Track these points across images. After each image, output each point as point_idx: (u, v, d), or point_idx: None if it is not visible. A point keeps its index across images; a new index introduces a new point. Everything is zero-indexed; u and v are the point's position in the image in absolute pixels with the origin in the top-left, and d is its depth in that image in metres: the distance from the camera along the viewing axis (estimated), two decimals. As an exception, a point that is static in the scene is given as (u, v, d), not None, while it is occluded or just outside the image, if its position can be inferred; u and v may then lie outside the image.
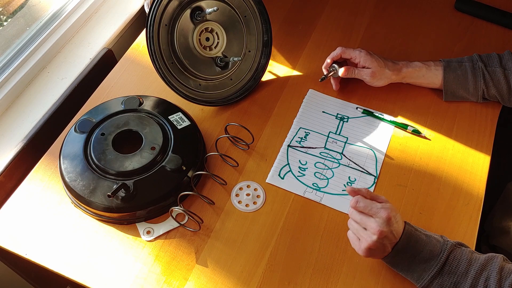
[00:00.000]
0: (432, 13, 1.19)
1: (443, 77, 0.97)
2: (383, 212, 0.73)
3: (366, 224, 0.74)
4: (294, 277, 0.81)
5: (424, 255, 0.75)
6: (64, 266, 0.82)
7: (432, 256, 0.74)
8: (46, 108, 1.00)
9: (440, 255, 0.74)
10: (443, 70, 0.98)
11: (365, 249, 0.74)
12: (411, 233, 0.75)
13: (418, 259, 0.75)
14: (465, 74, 0.96)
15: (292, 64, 1.09)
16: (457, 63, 0.98)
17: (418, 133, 0.97)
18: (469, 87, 0.97)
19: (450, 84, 0.98)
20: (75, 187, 0.85)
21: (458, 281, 0.73)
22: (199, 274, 0.81)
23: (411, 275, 0.77)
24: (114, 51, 1.13)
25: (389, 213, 0.73)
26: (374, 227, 0.73)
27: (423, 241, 0.75)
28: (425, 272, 0.75)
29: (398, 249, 0.75)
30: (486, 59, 0.98)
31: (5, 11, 1.02)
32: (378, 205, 0.74)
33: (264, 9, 0.99)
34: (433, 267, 0.74)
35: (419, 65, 0.99)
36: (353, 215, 0.76)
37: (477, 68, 0.96)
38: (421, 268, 0.75)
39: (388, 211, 0.73)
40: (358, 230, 0.76)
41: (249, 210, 0.88)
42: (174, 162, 0.87)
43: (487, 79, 0.95)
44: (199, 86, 0.98)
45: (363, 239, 0.74)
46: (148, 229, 0.86)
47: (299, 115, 1.00)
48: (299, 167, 0.93)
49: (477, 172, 0.93)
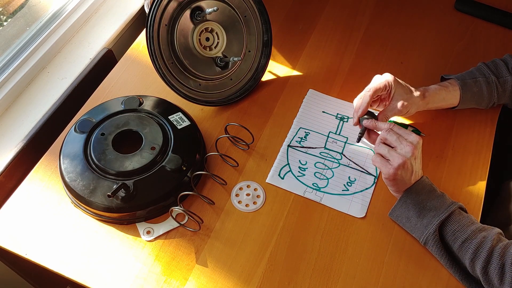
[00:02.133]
0: (432, 13, 1.19)
1: (461, 97, 0.95)
2: (414, 136, 0.81)
3: (401, 142, 0.81)
4: (294, 277, 0.81)
5: (435, 203, 0.81)
6: (64, 266, 0.82)
7: (442, 205, 0.81)
8: (46, 108, 1.00)
9: (451, 206, 0.81)
10: (461, 90, 0.94)
11: (398, 166, 0.80)
12: (426, 181, 0.84)
13: (429, 205, 0.81)
14: (481, 91, 0.95)
15: (292, 64, 1.09)
16: (471, 80, 0.95)
17: (418, 133, 0.97)
18: (483, 102, 0.97)
19: (466, 102, 0.97)
20: (75, 187, 0.85)
21: (458, 229, 0.79)
22: (199, 274, 0.81)
23: (421, 221, 0.82)
24: (114, 51, 1.13)
25: (419, 139, 0.81)
26: (408, 145, 0.80)
27: (437, 193, 0.83)
28: (434, 218, 0.80)
29: (412, 189, 0.82)
30: (495, 69, 0.96)
31: (5, 11, 1.02)
32: (409, 132, 0.82)
33: (264, 9, 0.99)
34: (443, 214, 0.80)
35: (437, 88, 0.94)
36: (388, 135, 0.82)
37: (491, 83, 0.95)
38: (431, 215, 0.81)
39: (418, 137, 0.81)
40: (389, 150, 0.81)
41: (249, 210, 0.88)
42: (174, 162, 0.87)
43: (500, 91, 0.95)
44: (199, 86, 0.98)
45: (396, 157, 0.80)
46: (148, 229, 0.86)
47: (299, 115, 1.01)
48: (299, 167, 0.93)
49: (477, 172, 0.93)
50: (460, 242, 0.78)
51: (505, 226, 1.02)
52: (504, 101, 0.97)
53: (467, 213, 0.83)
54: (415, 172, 0.82)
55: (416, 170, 0.82)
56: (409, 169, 0.81)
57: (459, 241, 0.78)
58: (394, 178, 0.81)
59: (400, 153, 0.80)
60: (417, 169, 0.82)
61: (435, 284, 0.80)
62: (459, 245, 0.79)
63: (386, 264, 0.82)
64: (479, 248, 0.77)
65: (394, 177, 0.81)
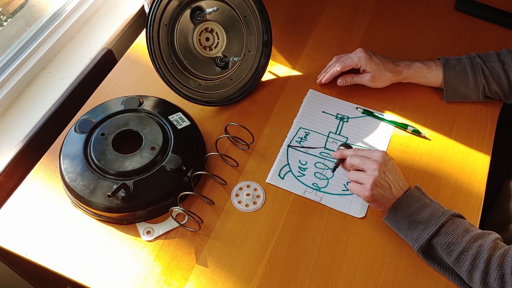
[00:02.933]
0: (432, 13, 1.19)
1: (443, 75, 0.98)
2: (378, 152, 0.82)
3: (365, 163, 0.81)
4: (294, 277, 0.81)
5: (425, 215, 0.79)
6: (64, 266, 0.82)
7: (432, 218, 0.79)
8: (46, 108, 1.00)
9: (440, 218, 0.78)
10: (443, 68, 0.98)
11: (371, 187, 0.79)
12: (415, 193, 0.81)
13: (419, 218, 0.79)
14: (465, 70, 0.97)
15: (292, 64, 1.09)
16: (455, 60, 0.99)
17: (418, 133, 0.97)
18: (470, 83, 0.97)
19: (450, 82, 0.98)
20: (75, 187, 0.85)
21: (453, 241, 0.77)
22: (199, 274, 0.81)
23: (411, 234, 0.80)
24: (114, 51, 1.13)
25: (383, 153, 0.82)
26: (372, 163, 0.80)
27: (426, 203, 0.80)
28: (424, 231, 0.78)
29: (401, 203, 0.80)
30: (484, 56, 0.98)
31: (5, 11, 1.02)
32: (372, 150, 0.84)
33: (264, 9, 0.99)
34: (432, 227, 0.78)
35: (420, 66, 0.99)
36: (352, 160, 0.83)
37: (476, 64, 0.97)
38: (421, 228, 0.79)
39: (382, 152, 0.82)
40: (359, 175, 0.82)
41: (249, 210, 0.88)
42: (174, 162, 0.87)
43: (487, 74, 0.96)
44: (199, 86, 0.98)
45: (366, 179, 0.80)
46: (148, 229, 0.86)
47: (299, 115, 1.00)
48: (299, 167, 0.93)
49: (477, 172, 0.93)
50: (456, 255, 0.76)
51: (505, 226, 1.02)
52: (494, 88, 0.97)
53: (462, 218, 0.80)
54: (393, 186, 0.81)
55: (392, 184, 0.81)
56: (384, 186, 0.80)
57: (454, 254, 0.76)
58: (373, 199, 0.81)
59: (368, 174, 0.80)
60: (393, 182, 0.81)
61: (435, 284, 0.80)
62: (455, 258, 0.76)
63: (386, 264, 0.82)
64: (476, 259, 0.74)
65: (372, 198, 0.80)
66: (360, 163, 0.82)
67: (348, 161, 0.84)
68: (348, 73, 1.01)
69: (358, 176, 0.82)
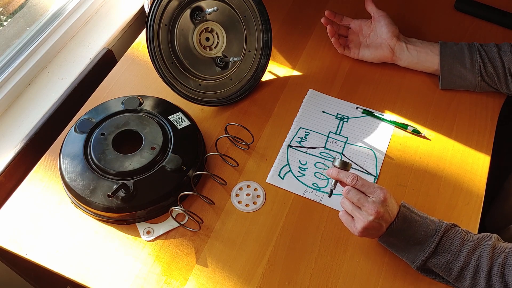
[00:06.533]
0: (432, 13, 1.19)
1: (440, 53, 0.99)
2: (380, 192, 0.74)
3: (363, 204, 0.74)
4: (294, 277, 0.81)
5: (419, 236, 0.76)
6: (64, 266, 0.82)
7: (426, 237, 0.76)
8: (46, 108, 1.00)
9: (434, 236, 0.75)
10: (440, 47, 0.99)
11: (362, 229, 0.75)
12: (406, 214, 0.76)
13: (413, 240, 0.76)
14: (461, 50, 0.98)
15: (292, 64, 1.09)
16: (453, 43, 1.01)
17: (418, 133, 0.97)
18: (466, 62, 0.97)
19: (446, 59, 0.98)
20: (75, 187, 0.85)
21: (451, 259, 0.74)
22: (199, 274, 0.81)
23: (407, 255, 0.78)
24: (114, 51, 1.13)
25: (385, 193, 0.74)
26: (371, 207, 0.74)
27: (418, 222, 0.76)
28: (420, 252, 0.76)
29: (393, 230, 0.76)
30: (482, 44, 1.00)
31: (5, 11, 1.02)
32: (375, 185, 0.75)
33: (264, 9, 0.99)
34: (428, 248, 0.75)
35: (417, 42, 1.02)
36: (350, 194, 0.76)
37: (473, 46, 0.99)
38: (416, 249, 0.76)
39: (384, 191, 0.75)
40: (353, 210, 0.76)
41: (249, 210, 0.88)
42: (174, 162, 0.87)
43: (483, 54, 0.97)
44: (199, 86, 0.98)
45: (359, 219, 0.75)
46: (148, 229, 0.86)
47: (299, 115, 1.01)
48: (299, 167, 0.93)
49: (477, 172, 0.93)
50: (456, 274, 0.74)
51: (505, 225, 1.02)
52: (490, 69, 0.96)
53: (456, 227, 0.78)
54: (386, 221, 0.75)
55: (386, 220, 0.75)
56: (375, 227, 0.75)
57: (454, 272, 0.74)
58: (362, 236, 0.77)
59: (363, 215, 0.74)
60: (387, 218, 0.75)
61: (435, 284, 0.80)
62: (455, 277, 0.75)
63: (386, 264, 0.82)
64: (476, 274, 0.73)
65: (361, 236, 0.77)
66: (358, 202, 0.75)
67: (345, 195, 0.76)
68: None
69: (352, 210, 0.76)
